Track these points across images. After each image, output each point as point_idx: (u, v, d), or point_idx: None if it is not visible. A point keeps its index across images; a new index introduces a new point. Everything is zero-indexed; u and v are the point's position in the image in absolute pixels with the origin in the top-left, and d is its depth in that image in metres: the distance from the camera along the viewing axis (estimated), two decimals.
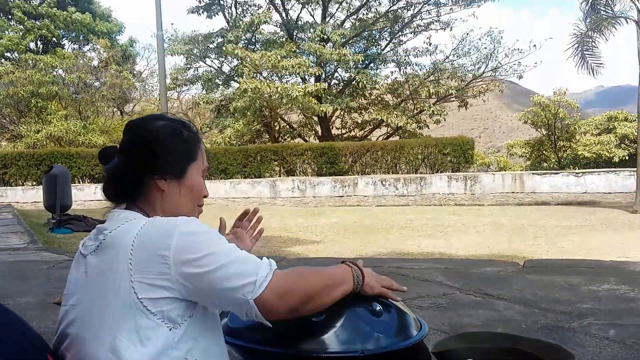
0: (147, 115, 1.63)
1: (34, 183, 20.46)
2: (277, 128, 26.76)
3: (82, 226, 10.12)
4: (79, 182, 20.51)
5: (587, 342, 2.98)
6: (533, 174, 18.68)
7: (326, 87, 24.19)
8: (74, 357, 1.31)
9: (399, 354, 1.48)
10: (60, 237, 9.36)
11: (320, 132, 27.31)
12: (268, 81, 22.81)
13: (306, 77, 25.15)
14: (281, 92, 21.63)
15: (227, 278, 1.27)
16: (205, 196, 1.59)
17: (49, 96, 25.59)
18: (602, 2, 14.24)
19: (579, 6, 14.76)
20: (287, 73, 24.36)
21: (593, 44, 14.98)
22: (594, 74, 15.42)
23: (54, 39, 33.19)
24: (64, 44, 34.46)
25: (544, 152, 25.15)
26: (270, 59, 22.30)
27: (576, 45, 15.15)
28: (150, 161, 1.44)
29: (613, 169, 18.23)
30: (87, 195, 18.75)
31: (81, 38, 33.94)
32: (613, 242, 8.73)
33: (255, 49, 25.97)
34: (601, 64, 15.32)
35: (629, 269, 5.01)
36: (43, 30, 31.58)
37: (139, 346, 1.25)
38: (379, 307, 1.58)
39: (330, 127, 27.59)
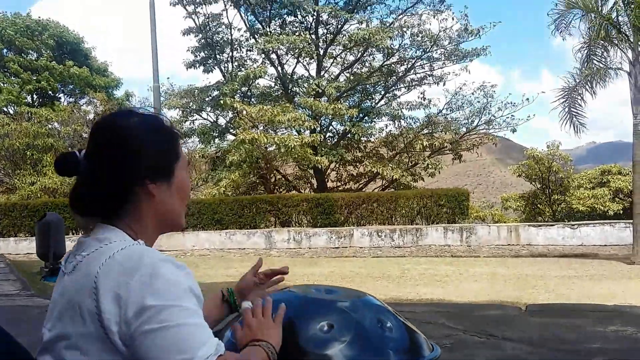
0: (114, 112, 1.45)
1: (27, 234, 20.26)
2: (272, 180, 26.77)
3: None
4: (73, 234, 20.31)
5: None
6: (529, 226, 18.68)
7: (322, 139, 24.32)
8: None
9: None
10: (54, 285, 9.17)
11: (315, 185, 27.33)
12: (265, 133, 22.94)
13: (301, 130, 25.33)
14: (278, 142, 21.72)
15: (162, 347, 1.10)
16: None
17: (44, 148, 25.57)
18: (597, 52, 14.34)
19: (574, 55, 14.80)
20: (283, 126, 24.53)
21: (581, 101, 14.94)
22: (577, 133, 15.33)
23: (51, 92, 33.57)
24: (60, 97, 34.83)
25: (539, 205, 25.15)
26: (266, 113, 22.45)
27: (563, 100, 15.12)
28: (134, 164, 1.28)
29: (608, 221, 18.26)
30: None
31: (77, 92, 34.34)
32: (613, 290, 8.64)
33: (250, 102, 26.23)
34: (584, 124, 15.29)
35: (634, 312, 4.93)
36: (42, 83, 31.98)
37: None
38: (389, 324, 1.54)
39: (326, 179, 27.62)
